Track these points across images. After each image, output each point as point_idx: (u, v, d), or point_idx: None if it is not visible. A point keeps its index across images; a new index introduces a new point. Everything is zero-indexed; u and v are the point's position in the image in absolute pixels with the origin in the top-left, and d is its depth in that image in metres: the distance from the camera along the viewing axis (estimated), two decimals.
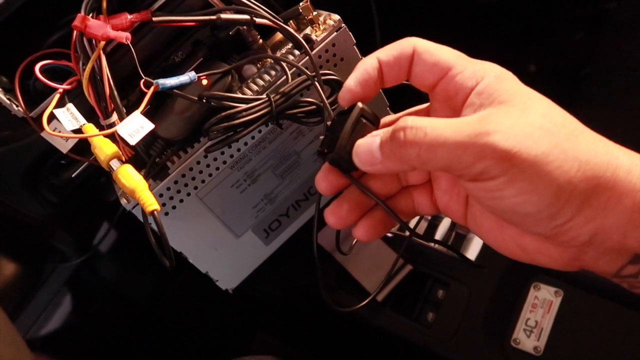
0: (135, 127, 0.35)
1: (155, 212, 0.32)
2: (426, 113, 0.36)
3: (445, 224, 0.62)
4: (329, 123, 0.35)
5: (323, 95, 0.36)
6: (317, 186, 0.35)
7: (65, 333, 0.71)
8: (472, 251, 0.61)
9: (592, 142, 0.27)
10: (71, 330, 0.72)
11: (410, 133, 0.28)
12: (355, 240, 0.38)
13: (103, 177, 0.50)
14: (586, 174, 0.26)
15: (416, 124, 0.28)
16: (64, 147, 0.40)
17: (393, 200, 0.36)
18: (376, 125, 0.34)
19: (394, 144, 0.29)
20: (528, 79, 0.31)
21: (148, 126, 0.35)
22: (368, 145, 0.30)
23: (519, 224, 0.29)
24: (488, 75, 0.30)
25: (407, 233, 0.38)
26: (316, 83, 0.37)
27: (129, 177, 0.33)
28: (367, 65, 0.33)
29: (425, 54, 0.32)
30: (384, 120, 0.37)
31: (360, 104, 0.33)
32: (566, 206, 0.26)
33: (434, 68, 0.32)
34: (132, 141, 0.34)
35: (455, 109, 0.31)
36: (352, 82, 0.33)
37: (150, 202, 0.32)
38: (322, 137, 0.35)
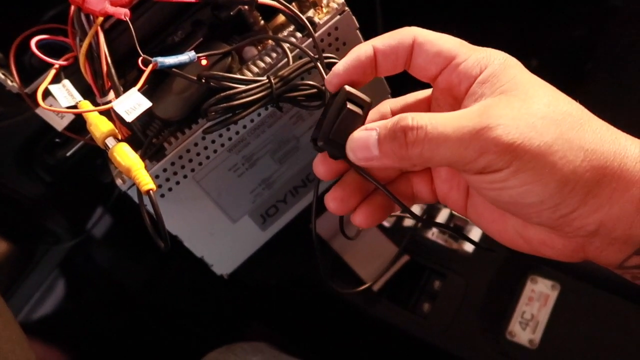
0: (132, 104, 0.34)
1: (151, 191, 0.32)
2: (427, 102, 0.35)
3: (444, 214, 0.62)
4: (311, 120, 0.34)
5: (326, 78, 0.35)
6: (315, 170, 0.34)
7: (58, 317, 0.70)
8: (469, 245, 0.61)
9: (598, 131, 0.27)
10: (64, 315, 0.71)
11: (412, 135, 0.27)
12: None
13: (99, 158, 0.50)
14: (592, 164, 0.26)
15: (417, 123, 0.27)
16: (59, 124, 0.39)
17: (392, 186, 0.36)
18: (365, 110, 0.32)
19: (395, 144, 0.28)
20: None
21: (145, 104, 0.34)
22: (364, 140, 0.30)
23: (523, 215, 0.28)
24: (492, 63, 0.29)
25: (410, 223, 0.37)
26: (319, 65, 0.36)
27: (125, 156, 0.33)
28: (361, 52, 0.32)
29: (427, 44, 0.31)
30: (382, 106, 0.36)
31: (347, 87, 0.32)
32: (571, 196, 0.26)
33: (436, 58, 0.31)
34: (129, 118, 0.34)
35: (457, 98, 0.31)
36: (341, 66, 0.32)
37: (146, 182, 0.32)
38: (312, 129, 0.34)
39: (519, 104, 0.27)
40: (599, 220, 0.26)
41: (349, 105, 0.31)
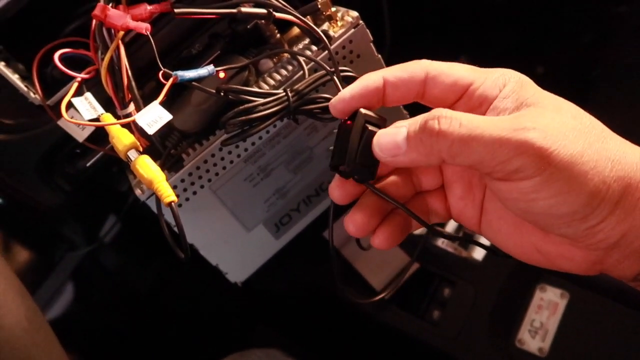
0: (154, 117, 0.35)
1: (172, 203, 0.32)
2: None
3: (453, 223, 0.63)
4: (335, 131, 0.34)
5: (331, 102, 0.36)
6: (331, 195, 0.34)
7: (68, 322, 0.71)
8: (479, 251, 0.61)
9: (620, 144, 0.27)
10: (74, 319, 0.72)
11: (445, 122, 0.27)
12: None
13: (115, 166, 0.50)
14: (618, 174, 0.26)
15: (451, 114, 0.27)
16: (80, 135, 0.40)
17: (408, 205, 0.35)
18: (383, 128, 0.32)
19: (425, 133, 0.28)
20: (536, 81, 0.31)
21: (166, 116, 0.35)
22: (392, 136, 0.30)
23: (549, 227, 0.28)
24: (510, 81, 0.30)
25: (420, 231, 0.37)
26: (335, 78, 0.37)
27: (147, 168, 0.33)
28: (370, 81, 0.32)
29: (442, 75, 0.31)
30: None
31: (362, 110, 0.32)
32: (600, 207, 0.26)
33: (454, 87, 0.31)
34: (150, 131, 0.34)
35: None
36: (347, 93, 0.32)
37: (168, 194, 0.32)
38: (331, 148, 0.34)
39: (550, 114, 0.27)
40: (622, 232, 0.26)
41: (370, 127, 0.32)
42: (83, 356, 0.74)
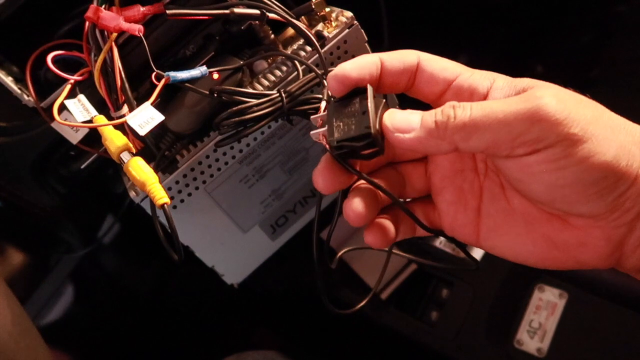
0: (145, 118, 0.35)
1: (165, 205, 0.32)
2: None
3: None
4: (324, 109, 0.32)
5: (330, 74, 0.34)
6: (315, 182, 0.32)
7: (67, 324, 0.71)
8: (478, 251, 0.61)
9: (623, 120, 0.28)
10: (73, 322, 0.72)
11: (459, 109, 0.27)
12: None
13: (110, 168, 0.50)
14: (634, 138, 0.26)
15: (463, 103, 0.27)
16: (74, 138, 0.39)
17: (396, 211, 0.34)
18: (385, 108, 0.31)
19: (441, 117, 0.27)
20: None
21: (158, 117, 0.35)
22: (406, 114, 0.29)
23: (577, 203, 0.27)
24: (499, 77, 0.30)
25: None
26: (324, 81, 0.36)
27: (140, 170, 0.33)
28: (368, 59, 0.31)
29: (432, 61, 0.31)
30: None
31: (369, 85, 0.30)
32: (628, 171, 0.26)
33: (443, 72, 0.31)
34: (142, 132, 0.34)
35: None
36: (349, 65, 0.31)
37: (160, 195, 0.32)
38: (322, 130, 0.31)
39: (555, 90, 0.27)
40: None
41: (382, 99, 0.30)
42: (83, 358, 0.74)
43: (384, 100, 0.31)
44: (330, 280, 0.66)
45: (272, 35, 0.43)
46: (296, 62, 0.40)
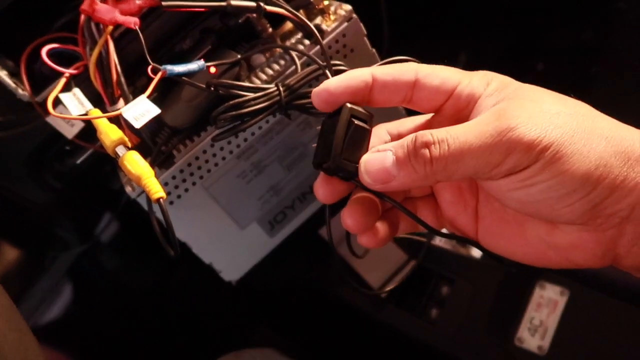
0: (141, 110, 0.34)
1: (161, 199, 0.32)
2: (427, 126, 0.34)
3: None
4: (318, 128, 0.32)
5: (314, 90, 0.34)
6: (316, 193, 0.32)
7: (65, 322, 0.71)
8: (477, 249, 0.60)
9: (611, 122, 0.27)
10: (71, 320, 0.72)
11: (436, 150, 0.27)
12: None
13: (108, 165, 0.50)
14: (615, 149, 0.26)
15: (436, 137, 0.27)
16: (69, 132, 0.39)
17: (396, 213, 0.35)
18: (370, 125, 0.31)
19: (418, 161, 0.27)
20: (536, 78, 0.31)
21: (154, 110, 0.34)
22: (380, 162, 0.29)
23: (554, 213, 0.27)
24: (494, 79, 0.30)
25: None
26: (327, 72, 0.36)
27: (135, 164, 0.33)
28: (357, 74, 0.30)
29: (432, 75, 0.31)
30: (378, 130, 0.34)
31: (348, 104, 0.30)
32: (600, 182, 0.26)
33: (443, 86, 0.30)
34: (137, 124, 0.34)
35: (461, 120, 0.30)
36: (333, 83, 0.30)
37: (156, 190, 0.32)
38: (314, 146, 0.32)
39: (532, 104, 0.27)
40: (631, 205, 0.26)
41: (356, 122, 0.30)
42: (81, 356, 0.74)
43: (369, 129, 0.31)
44: (329, 279, 0.65)
45: (270, 29, 0.43)
46: (295, 55, 0.40)
